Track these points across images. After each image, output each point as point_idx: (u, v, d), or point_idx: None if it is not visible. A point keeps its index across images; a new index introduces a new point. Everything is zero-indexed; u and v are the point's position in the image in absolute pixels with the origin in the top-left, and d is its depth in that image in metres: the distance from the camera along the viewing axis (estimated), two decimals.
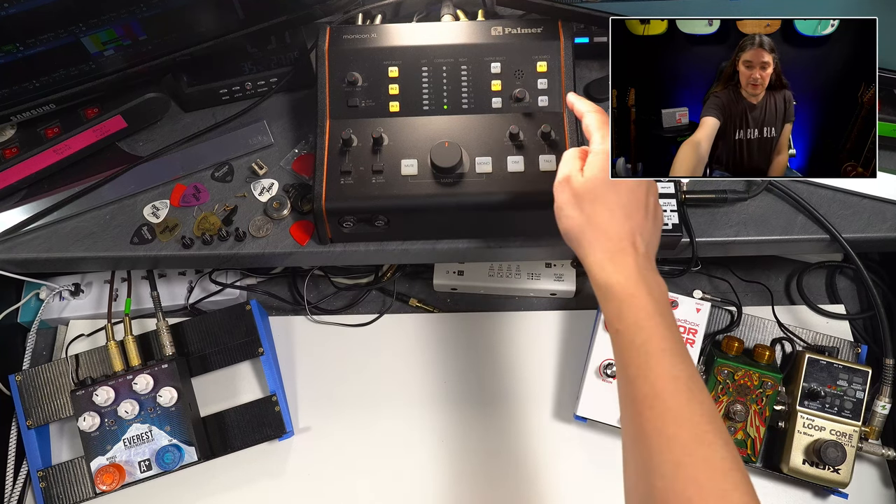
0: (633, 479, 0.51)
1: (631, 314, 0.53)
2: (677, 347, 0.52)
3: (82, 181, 0.76)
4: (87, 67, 0.70)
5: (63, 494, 0.75)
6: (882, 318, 0.76)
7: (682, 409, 0.49)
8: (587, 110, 0.61)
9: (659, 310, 0.53)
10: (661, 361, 0.51)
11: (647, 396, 0.50)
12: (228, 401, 0.81)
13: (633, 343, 0.52)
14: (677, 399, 0.49)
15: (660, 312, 0.53)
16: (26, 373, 0.79)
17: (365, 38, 0.73)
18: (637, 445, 0.51)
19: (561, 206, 0.58)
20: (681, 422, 0.49)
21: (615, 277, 0.54)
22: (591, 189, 0.56)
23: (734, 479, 0.47)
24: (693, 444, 0.48)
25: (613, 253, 0.55)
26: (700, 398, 0.50)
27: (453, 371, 0.85)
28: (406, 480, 0.80)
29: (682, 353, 0.52)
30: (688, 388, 0.50)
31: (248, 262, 0.74)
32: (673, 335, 0.52)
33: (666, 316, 0.53)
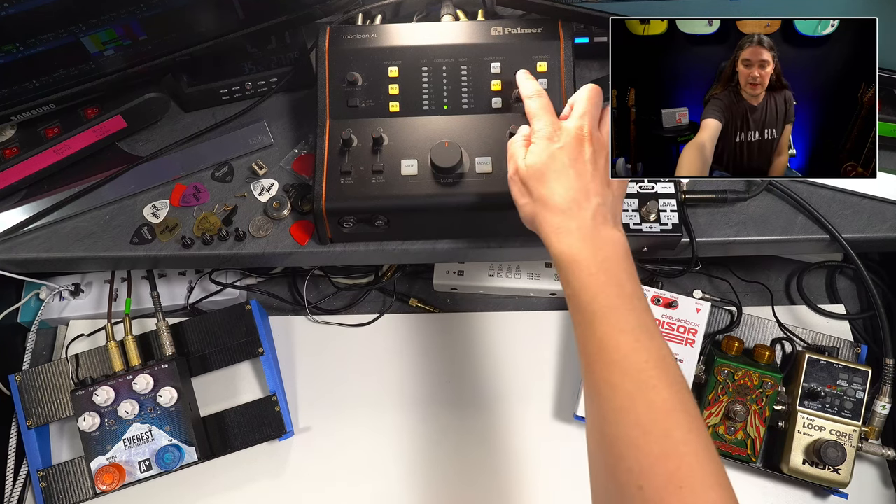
0: (589, 430, 0.53)
1: (575, 278, 0.54)
2: (624, 301, 0.53)
3: (82, 181, 0.76)
4: (87, 67, 0.70)
5: (63, 494, 0.75)
6: (882, 318, 0.75)
7: (627, 358, 0.51)
8: (529, 95, 0.63)
9: (603, 267, 0.54)
10: (605, 318, 0.52)
11: (594, 352, 0.52)
12: (228, 401, 0.81)
13: (579, 305, 0.54)
14: (622, 351, 0.51)
15: (605, 269, 0.53)
16: (26, 373, 0.79)
17: (365, 38, 0.73)
18: (590, 400, 0.53)
19: (515, 197, 0.60)
20: (625, 370, 0.50)
21: (559, 247, 0.55)
22: (534, 173, 0.57)
23: (677, 419, 0.48)
24: (636, 390, 0.49)
25: (559, 225, 0.56)
26: (647, 346, 0.51)
27: (453, 371, 0.85)
28: (406, 480, 0.80)
29: (630, 306, 0.53)
30: (634, 339, 0.51)
31: (248, 262, 0.74)
32: (619, 290, 0.53)
33: (612, 272, 0.54)
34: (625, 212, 0.71)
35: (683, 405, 0.49)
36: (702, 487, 0.46)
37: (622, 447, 0.48)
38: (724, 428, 0.75)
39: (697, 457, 0.47)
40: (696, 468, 0.47)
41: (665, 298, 0.79)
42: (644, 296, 0.54)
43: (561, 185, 0.56)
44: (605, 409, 0.51)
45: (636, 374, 0.50)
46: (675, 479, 0.46)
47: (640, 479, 0.47)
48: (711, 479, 0.46)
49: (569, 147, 0.57)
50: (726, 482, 0.47)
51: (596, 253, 0.54)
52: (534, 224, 0.58)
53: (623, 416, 0.49)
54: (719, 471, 0.47)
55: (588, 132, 0.57)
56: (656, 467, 0.47)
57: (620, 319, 0.52)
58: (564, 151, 0.57)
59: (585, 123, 0.58)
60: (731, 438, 0.75)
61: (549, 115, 0.60)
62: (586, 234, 0.55)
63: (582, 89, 0.60)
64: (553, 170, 0.56)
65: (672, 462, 0.47)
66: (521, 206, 0.59)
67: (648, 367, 0.50)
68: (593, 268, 0.53)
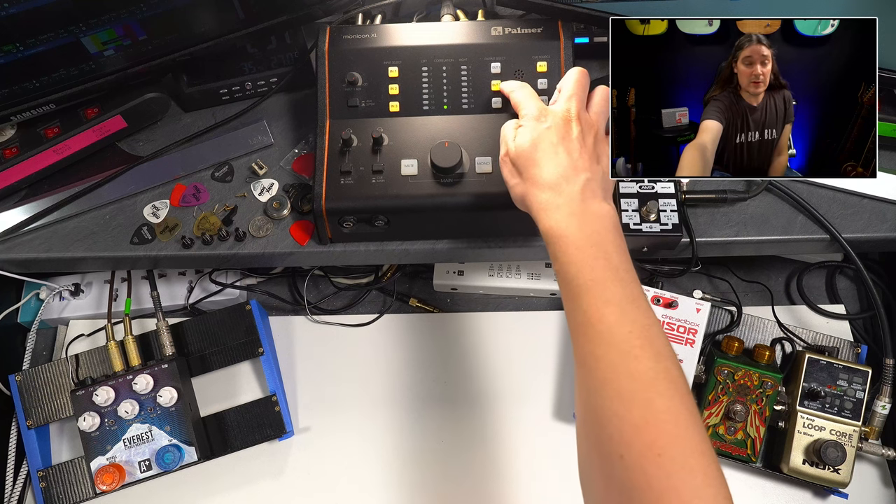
0: (576, 402, 0.53)
1: (562, 252, 0.54)
2: (609, 274, 0.53)
3: (82, 181, 0.76)
4: (87, 67, 0.70)
5: (63, 494, 0.75)
6: (882, 318, 0.75)
7: (611, 330, 0.51)
8: (512, 88, 0.65)
9: (591, 240, 0.54)
10: (590, 290, 0.52)
11: (580, 325, 0.52)
12: (228, 401, 0.81)
13: (566, 278, 0.54)
14: (606, 322, 0.51)
15: (592, 243, 0.54)
16: (26, 373, 0.79)
17: (365, 38, 0.73)
18: (577, 372, 0.53)
19: (506, 178, 0.61)
20: (609, 341, 0.50)
21: (547, 222, 0.56)
22: (523, 151, 0.58)
23: (658, 388, 0.48)
24: (619, 360, 0.50)
25: (547, 201, 0.56)
26: (632, 317, 0.51)
27: (453, 371, 0.85)
28: (406, 480, 0.80)
29: (616, 277, 0.53)
30: (619, 310, 0.51)
31: (248, 262, 0.74)
32: (605, 262, 0.53)
33: (599, 245, 0.54)
34: (625, 212, 0.71)
35: (667, 374, 0.49)
36: (682, 455, 0.46)
37: (604, 417, 0.49)
38: (724, 428, 0.75)
39: (678, 425, 0.47)
40: (676, 436, 0.47)
41: (665, 298, 0.79)
42: (632, 268, 0.54)
43: (549, 162, 0.57)
44: (588, 380, 0.51)
45: (619, 344, 0.50)
46: (655, 447, 0.46)
47: (620, 447, 0.47)
48: (692, 446, 0.46)
49: (556, 127, 0.58)
50: (708, 449, 0.47)
51: (583, 227, 0.54)
52: (524, 203, 0.59)
53: (605, 386, 0.49)
54: (701, 438, 0.47)
55: (576, 113, 0.59)
56: (636, 436, 0.47)
57: (606, 291, 0.52)
58: (552, 131, 0.58)
59: (573, 105, 0.59)
60: (731, 438, 0.75)
61: (535, 100, 0.61)
62: (574, 208, 0.55)
63: (569, 73, 0.62)
64: (541, 149, 0.57)
65: (652, 430, 0.47)
66: (511, 186, 0.60)
67: (632, 337, 0.50)
68: (580, 241, 0.54)
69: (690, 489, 0.45)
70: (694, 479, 0.45)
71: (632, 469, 0.46)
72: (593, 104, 0.60)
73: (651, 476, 0.45)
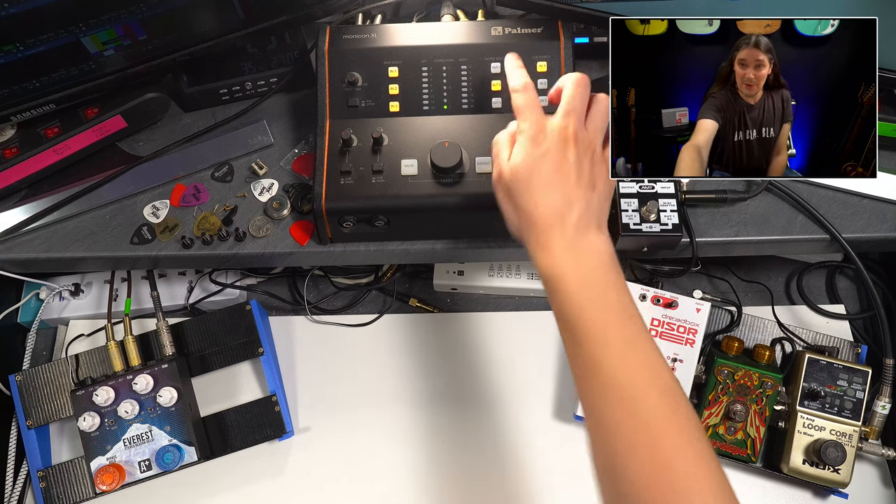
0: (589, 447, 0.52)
1: (559, 295, 0.53)
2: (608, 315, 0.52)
3: (82, 181, 0.76)
4: (87, 67, 0.70)
5: (63, 494, 0.75)
6: (882, 318, 0.75)
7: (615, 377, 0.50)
8: (516, 87, 0.60)
9: (586, 282, 0.53)
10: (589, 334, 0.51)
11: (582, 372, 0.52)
12: (228, 401, 0.81)
13: (565, 322, 0.53)
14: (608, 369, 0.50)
15: (587, 285, 0.53)
16: (26, 373, 0.79)
17: (365, 38, 0.73)
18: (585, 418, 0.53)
19: (500, 202, 0.58)
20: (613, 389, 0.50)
21: (543, 263, 0.55)
22: (517, 178, 0.56)
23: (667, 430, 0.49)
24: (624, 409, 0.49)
25: (543, 241, 0.55)
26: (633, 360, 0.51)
27: (453, 371, 0.85)
28: (406, 480, 0.80)
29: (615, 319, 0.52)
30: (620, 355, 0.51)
31: (248, 262, 0.74)
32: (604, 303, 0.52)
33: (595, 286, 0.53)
34: (624, 212, 0.71)
35: (675, 414, 0.49)
36: (700, 496, 0.46)
37: (618, 465, 0.49)
38: (724, 428, 0.75)
39: (692, 466, 0.47)
40: (691, 478, 0.47)
41: (665, 298, 0.79)
42: (631, 302, 0.54)
43: (544, 195, 0.55)
44: (598, 428, 0.51)
45: (623, 391, 0.50)
46: (674, 487, 0.46)
47: (640, 490, 0.47)
48: (709, 485, 0.47)
49: (552, 152, 0.55)
50: (725, 486, 0.47)
51: (579, 266, 0.53)
52: (518, 235, 0.58)
53: (614, 435, 0.49)
54: (717, 476, 0.47)
55: (573, 132, 0.56)
56: (652, 481, 0.47)
57: (607, 335, 0.51)
58: (548, 158, 0.55)
59: (571, 123, 0.56)
60: (731, 438, 0.74)
61: (535, 113, 0.58)
62: (568, 246, 0.54)
63: (568, 79, 0.58)
64: (536, 178, 0.55)
65: (667, 474, 0.47)
66: (505, 212, 0.58)
67: (636, 381, 0.50)
68: (576, 284, 0.53)
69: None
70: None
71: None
72: (592, 118, 0.58)
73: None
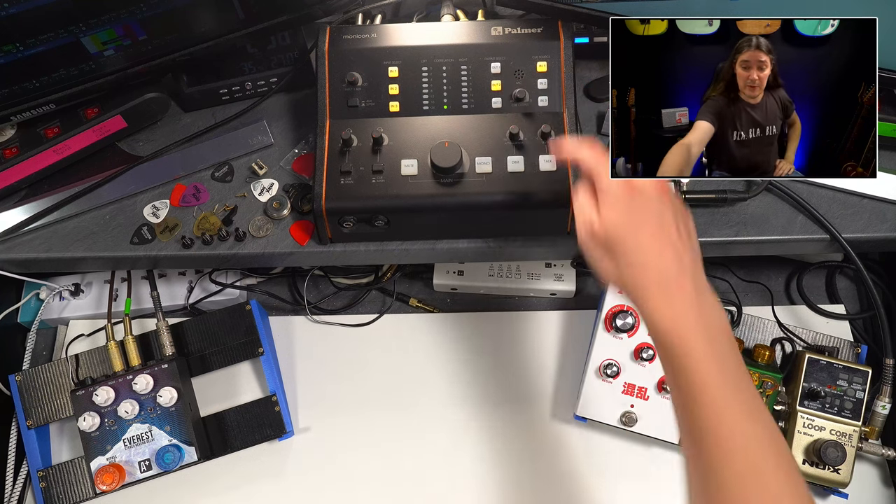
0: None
1: (683, 359, 0.50)
2: (733, 384, 0.50)
3: (82, 181, 0.76)
4: (87, 67, 0.70)
5: (63, 494, 0.75)
6: (882, 318, 0.75)
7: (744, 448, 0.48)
8: (580, 147, 0.57)
9: (713, 349, 0.50)
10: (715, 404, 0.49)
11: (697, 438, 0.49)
12: (228, 401, 0.81)
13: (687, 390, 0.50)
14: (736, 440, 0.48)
15: (714, 354, 0.50)
16: (26, 373, 0.79)
17: (365, 38, 0.73)
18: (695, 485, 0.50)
19: (594, 260, 0.55)
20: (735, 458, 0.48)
21: (665, 325, 0.51)
22: (616, 230, 0.53)
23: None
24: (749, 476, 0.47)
25: (662, 298, 0.51)
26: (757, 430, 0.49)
27: (453, 371, 0.85)
28: (406, 480, 0.80)
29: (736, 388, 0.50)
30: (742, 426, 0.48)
31: (248, 262, 0.74)
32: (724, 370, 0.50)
33: (721, 353, 0.50)
34: None
35: (795, 489, 0.48)
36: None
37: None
38: None
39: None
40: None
41: None
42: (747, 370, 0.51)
43: (652, 244, 0.52)
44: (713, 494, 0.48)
45: (747, 459, 0.48)
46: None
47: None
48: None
49: (653, 208, 0.53)
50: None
51: (704, 332, 0.50)
52: (625, 289, 0.54)
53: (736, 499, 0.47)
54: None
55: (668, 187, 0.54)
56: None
57: (732, 404, 0.49)
58: (652, 212, 0.52)
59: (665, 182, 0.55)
60: None
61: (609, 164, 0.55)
62: (690, 308, 0.51)
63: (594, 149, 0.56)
64: (639, 225, 0.52)
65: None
66: (603, 269, 0.54)
67: (760, 451, 0.48)
68: (702, 351, 0.50)
69: None
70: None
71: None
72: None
73: None
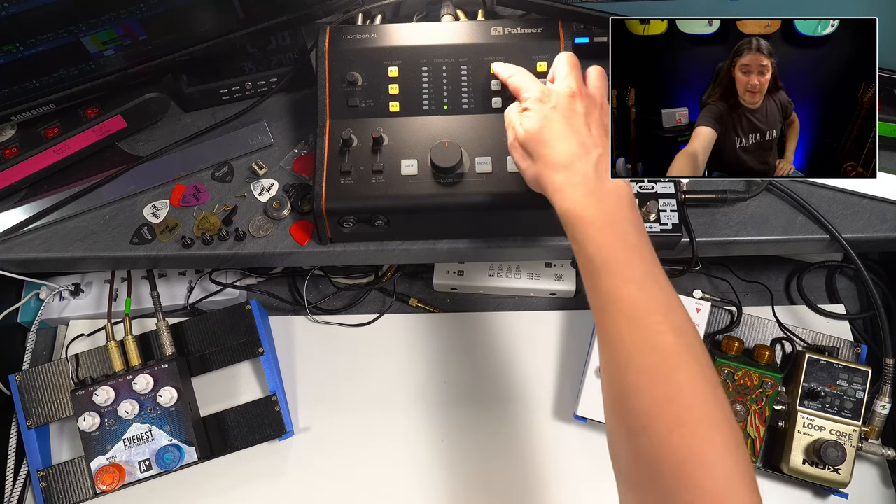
0: (602, 381, 0.54)
1: (581, 233, 0.54)
2: (628, 253, 0.53)
3: (82, 181, 0.76)
4: (87, 67, 0.70)
5: (63, 494, 0.75)
6: (882, 318, 0.75)
7: (633, 308, 0.51)
8: (509, 73, 0.65)
9: (608, 220, 0.54)
10: (611, 270, 0.53)
11: (601, 305, 0.53)
12: (228, 401, 0.81)
13: (586, 259, 0.54)
14: (628, 301, 0.52)
15: (610, 222, 0.54)
16: (26, 373, 0.79)
17: (365, 38, 0.73)
18: (601, 352, 0.54)
19: (518, 162, 0.61)
20: (630, 319, 0.51)
21: (564, 204, 0.56)
22: (532, 135, 0.59)
23: (681, 362, 0.49)
24: (641, 337, 0.50)
25: (562, 182, 0.56)
26: (653, 293, 0.52)
27: (453, 371, 0.85)
28: (406, 480, 0.80)
29: (636, 257, 0.53)
30: (639, 288, 0.52)
31: (248, 262, 0.74)
32: (624, 241, 0.54)
33: (617, 224, 0.54)
34: None
35: (690, 349, 0.50)
36: (706, 426, 0.47)
37: (629, 392, 0.50)
38: None
39: (703, 398, 0.48)
40: (700, 408, 0.48)
41: None
42: (649, 243, 0.55)
43: (560, 142, 0.57)
44: (613, 358, 0.52)
45: (641, 321, 0.51)
46: (680, 419, 0.47)
47: (645, 420, 0.48)
48: (714, 418, 0.48)
49: (561, 106, 0.58)
50: (728, 420, 0.48)
51: (600, 206, 0.54)
52: (538, 184, 0.59)
53: (629, 362, 0.50)
54: (725, 411, 0.48)
55: (577, 88, 0.59)
56: (661, 409, 0.48)
57: (626, 270, 0.53)
58: (558, 111, 0.58)
59: (571, 82, 0.59)
60: None
61: (535, 82, 0.62)
62: (590, 188, 0.55)
63: (557, 58, 0.62)
64: (550, 129, 0.58)
65: (676, 403, 0.48)
66: (523, 169, 0.60)
67: (654, 314, 0.51)
68: (598, 222, 0.54)
69: (711, 459, 0.46)
70: (714, 449, 0.46)
71: (656, 441, 0.47)
72: (590, 82, 0.61)
73: (675, 447, 0.47)
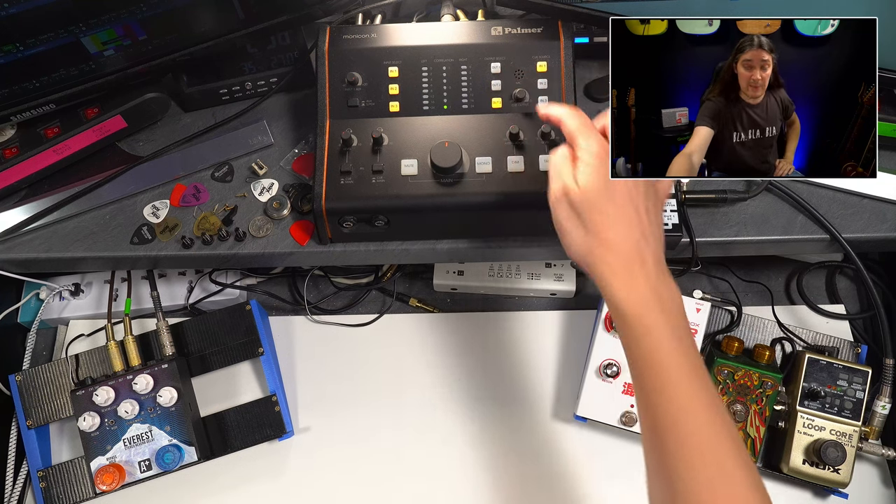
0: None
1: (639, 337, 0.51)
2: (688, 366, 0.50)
3: (82, 181, 0.76)
4: (87, 67, 0.70)
5: (63, 494, 0.75)
6: (882, 318, 0.75)
7: (705, 438, 0.49)
8: (564, 113, 0.57)
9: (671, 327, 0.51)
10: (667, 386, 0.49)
11: (666, 425, 0.50)
12: (228, 401, 0.81)
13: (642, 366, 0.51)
14: (688, 425, 0.49)
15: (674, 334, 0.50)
16: (26, 373, 0.79)
17: (365, 38, 0.73)
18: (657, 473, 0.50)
19: (561, 222, 0.55)
20: (702, 450, 0.48)
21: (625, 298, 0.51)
22: (589, 199, 0.53)
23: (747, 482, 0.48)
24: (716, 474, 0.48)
25: (624, 272, 0.52)
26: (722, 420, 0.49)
27: (453, 371, 0.85)
28: (406, 480, 0.80)
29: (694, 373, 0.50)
30: (705, 412, 0.49)
31: (248, 262, 0.74)
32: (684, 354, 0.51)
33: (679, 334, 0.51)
34: None
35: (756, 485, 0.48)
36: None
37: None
38: None
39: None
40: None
41: None
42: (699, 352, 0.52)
43: (622, 220, 0.52)
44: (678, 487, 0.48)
45: (706, 453, 0.48)
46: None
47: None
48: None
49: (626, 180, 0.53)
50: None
51: (664, 311, 0.51)
52: (586, 260, 0.54)
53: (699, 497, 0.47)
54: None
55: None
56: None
57: (690, 390, 0.49)
58: (622, 183, 0.53)
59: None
60: None
61: (594, 132, 0.55)
62: (652, 286, 0.51)
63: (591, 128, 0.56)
64: (611, 200, 0.52)
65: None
66: (568, 232, 0.54)
67: (725, 447, 0.48)
68: (661, 329, 0.50)
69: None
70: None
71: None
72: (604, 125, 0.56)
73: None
